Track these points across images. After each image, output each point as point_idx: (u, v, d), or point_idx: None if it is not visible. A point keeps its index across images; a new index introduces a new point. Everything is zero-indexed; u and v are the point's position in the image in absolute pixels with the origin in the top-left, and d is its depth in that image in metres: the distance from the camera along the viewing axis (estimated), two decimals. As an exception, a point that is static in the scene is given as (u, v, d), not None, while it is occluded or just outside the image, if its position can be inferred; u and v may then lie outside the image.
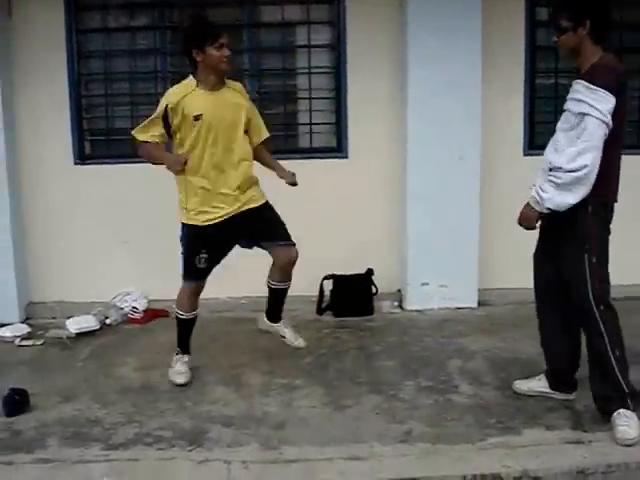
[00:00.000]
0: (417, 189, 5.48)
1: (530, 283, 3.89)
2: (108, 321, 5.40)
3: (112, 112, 5.75)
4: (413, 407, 3.87)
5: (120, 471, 3.36)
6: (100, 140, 5.80)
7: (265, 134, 4.34)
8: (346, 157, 5.70)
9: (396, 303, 5.70)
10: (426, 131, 5.41)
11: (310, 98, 5.70)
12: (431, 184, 5.46)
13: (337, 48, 5.66)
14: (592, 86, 3.32)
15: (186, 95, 3.98)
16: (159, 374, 4.39)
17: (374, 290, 5.63)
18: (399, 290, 5.76)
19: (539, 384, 3.93)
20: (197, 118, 3.95)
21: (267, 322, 4.53)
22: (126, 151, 5.68)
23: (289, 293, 4.47)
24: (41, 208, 5.67)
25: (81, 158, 5.69)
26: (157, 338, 5.09)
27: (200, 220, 4.08)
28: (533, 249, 3.82)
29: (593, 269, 3.48)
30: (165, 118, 4.00)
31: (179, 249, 4.25)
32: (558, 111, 3.69)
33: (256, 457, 3.41)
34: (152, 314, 5.55)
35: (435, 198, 5.46)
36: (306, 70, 5.73)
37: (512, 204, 3.76)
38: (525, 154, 5.71)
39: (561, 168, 3.35)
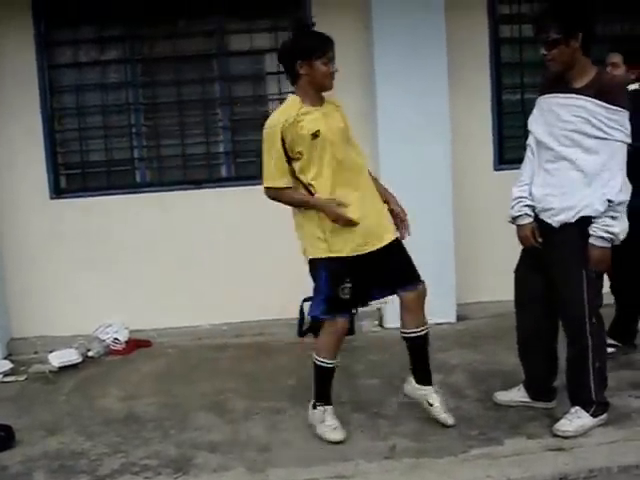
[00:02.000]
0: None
1: (507, 295, 3.95)
2: (90, 353, 5.37)
3: (86, 145, 5.76)
4: (396, 423, 3.90)
5: (107, 502, 3.37)
6: (75, 174, 5.82)
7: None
8: (321, 179, 5.73)
9: (376, 322, 5.74)
10: (397, 148, 5.45)
11: (282, 123, 5.75)
12: (404, 200, 5.50)
13: (306, 73, 5.73)
14: (610, 106, 3.29)
15: (298, 113, 3.54)
16: (143, 404, 4.40)
17: (353, 310, 5.65)
18: (379, 309, 5.79)
19: (519, 394, 3.96)
20: (315, 135, 3.54)
21: (413, 384, 3.87)
22: (101, 184, 5.74)
23: (270, 316, 4.32)
24: (19, 243, 5.66)
25: (57, 192, 5.71)
26: (139, 368, 5.09)
27: None
28: (508, 262, 3.86)
29: (591, 282, 3.50)
30: (284, 147, 3.54)
31: (157, 278, 4.20)
32: (526, 125, 3.72)
33: (243, 481, 3.42)
34: (134, 344, 5.53)
35: (409, 215, 5.50)
36: (277, 96, 5.79)
37: (485, 217, 3.82)
38: (496, 169, 5.80)
39: (622, 202, 3.36)
